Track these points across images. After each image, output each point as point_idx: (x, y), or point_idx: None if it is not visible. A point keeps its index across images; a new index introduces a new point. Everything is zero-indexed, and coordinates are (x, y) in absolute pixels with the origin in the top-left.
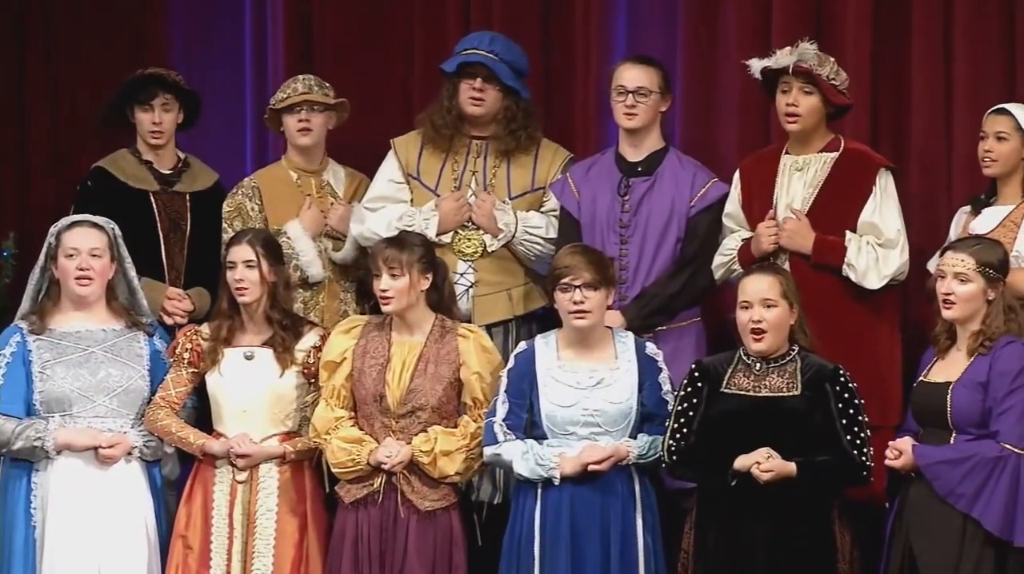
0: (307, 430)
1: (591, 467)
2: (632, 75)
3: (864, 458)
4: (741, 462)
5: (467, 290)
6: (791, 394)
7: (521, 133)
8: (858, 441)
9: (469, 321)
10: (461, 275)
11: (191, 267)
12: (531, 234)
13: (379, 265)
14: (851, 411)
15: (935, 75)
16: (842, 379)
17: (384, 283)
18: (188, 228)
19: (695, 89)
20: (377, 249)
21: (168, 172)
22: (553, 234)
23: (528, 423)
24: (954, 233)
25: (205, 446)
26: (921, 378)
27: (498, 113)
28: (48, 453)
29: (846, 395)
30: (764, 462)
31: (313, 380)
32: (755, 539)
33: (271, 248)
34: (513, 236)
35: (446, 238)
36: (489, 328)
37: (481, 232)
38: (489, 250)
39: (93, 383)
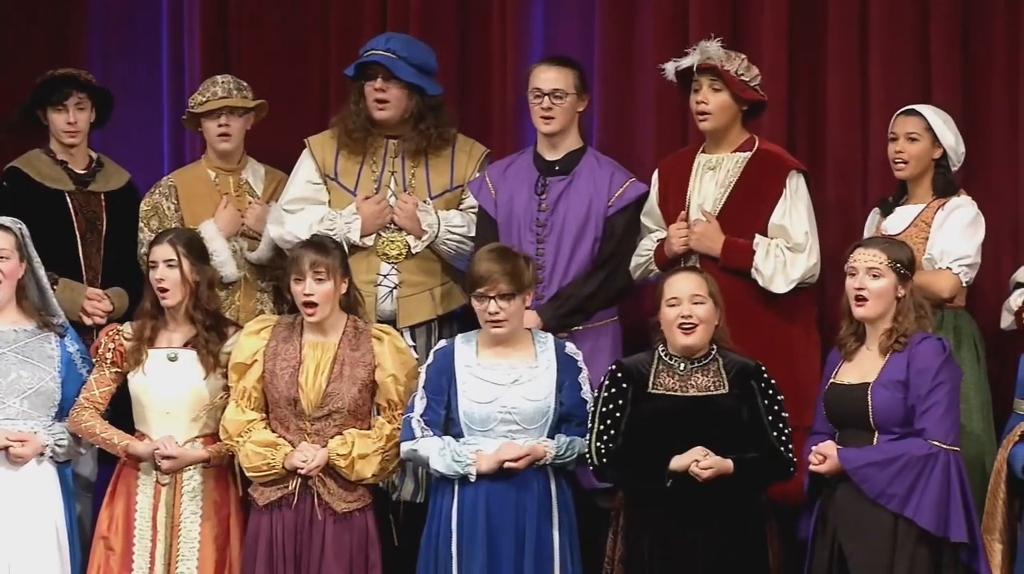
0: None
1: (507, 465)
2: (548, 77)
3: (790, 454)
4: (677, 462)
5: (391, 292)
6: (720, 392)
7: (431, 132)
8: (783, 437)
9: (392, 323)
10: (384, 277)
11: (109, 267)
12: (454, 233)
13: (303, 270)
14: (775, 407)
15: (851, 77)
16: (765, 375)
17: (309, 287)
18: (104, 228)
19: (612, 88)
20: (300, 253)
21: (83, 172)
22: (474, 232)
23: (445, 420)
24: (867, 235)
25: (129, 448)
26: (832, 380)
27: (405, 112)
28: None
29: (770, 391)
30: (702, 460)
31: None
32: (693, 541)
33: (194, 248)
34: (436, 237)
35: (369, 241)
36: (413, 328)
37: (404, 234)
38: (414, 252)
39: (4, 385)
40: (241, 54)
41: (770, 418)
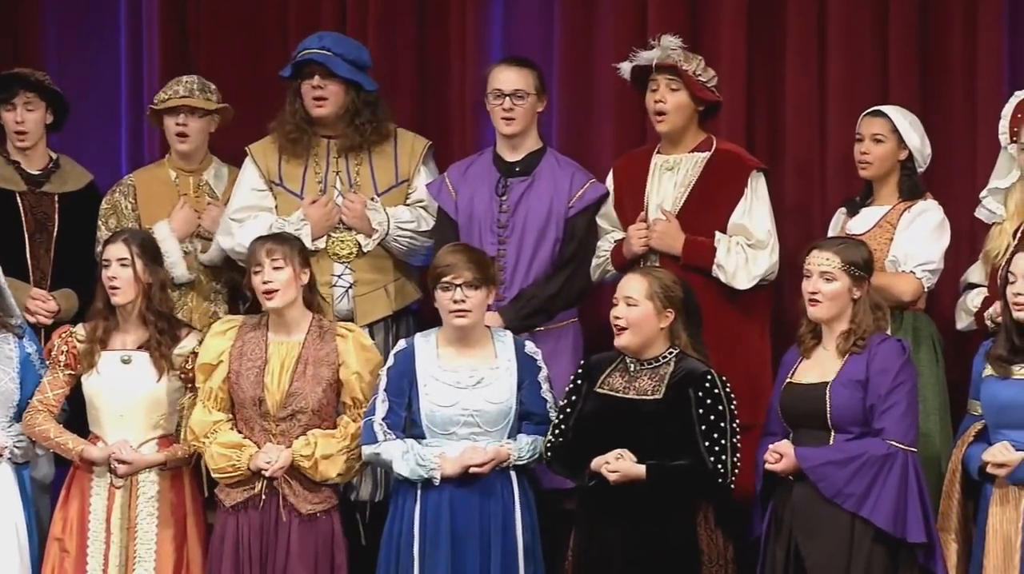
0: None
1: (472, 469)
2: (508, 77)
3: (720, 466)
4: (596, 462)
5: (346, 291)
6: (652, 397)
7: (367, 127)
8: (716, 448)
9: (347, 321)
10: (339, 278)
11: (58, 268)
12: (403, 229)
13: (260, 258)
14: (712, 417)
15: (809, 77)
16: (707, 384)
17: (267, 275)
18: (56, 229)
19: (572, 89)
20: (256, 245)
21: (37, 173)
22: (424, 227)
23: (406, 421)
24: (832, 234)
25: (84, 452)
26: (788, 380)
27: (342, 108)
28: None
29: (708, 401)
30: (612, 463)
31: (190, 384)
32: (611, 541)
33: (147, 249)
34: (387, 234)
35: (320, 243)
36: (370, 326)
37: (353, 232)
38: (365, 250)
39: None
40: (200, 54)
41: (703, 427)
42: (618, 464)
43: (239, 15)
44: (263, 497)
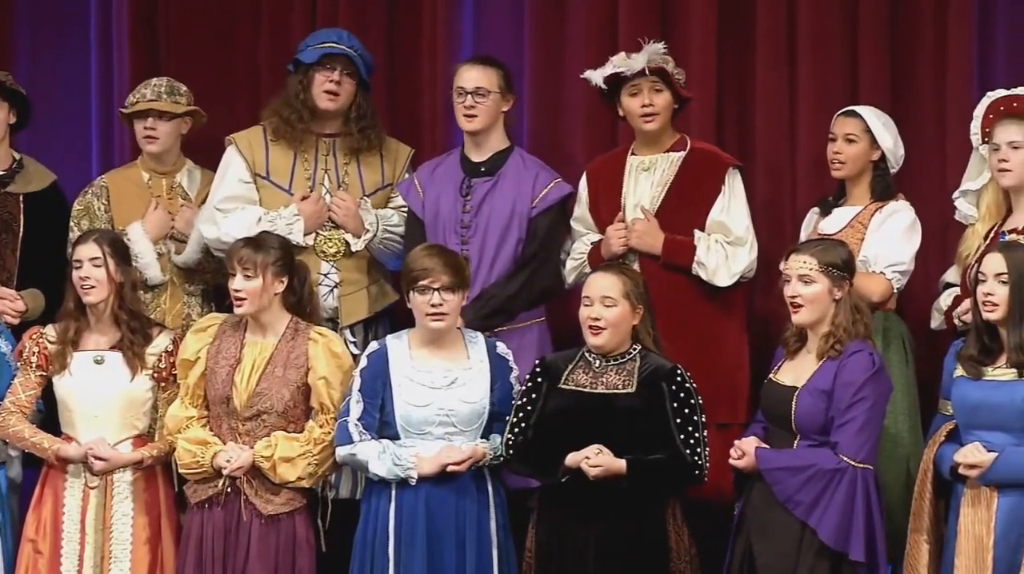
0: (154, 433)
1: (450, 468)
2: (470, 76)
3: (697, 458)
4: (572, 458)
5: (332, 290)
6: (625, 391)
7: (370, 132)
8: (692, 440)
9: (334, 321)
10: (325, 276)
11: (24, 269)
12: (391, 232)
13: (234, 265)
14: (686, 411)
15: (779, 78)
16: (679, 378)
17: (238, 283)
18: (22, 230)
19: (543, 89)
20: (233, 249)
21: (1, 173)
22: None
23: (380, 422)
24: (804, 234)
25: (60, 452)
26: (771, 376)
27: (350, 109)
28: None
29: (681, 394)
30: (593, 458)
31: (164, 383)
32: (586, 538)
33: (118, 249)
34: (375, 236)
35: (309, 240)
36: (352, 327)
37: (340, 231)
38: (354, 250)
39: None
40: (170, 53)
41: (678, 421)
42: (599, 458)
43: (209, 15)
44: (225, 496)
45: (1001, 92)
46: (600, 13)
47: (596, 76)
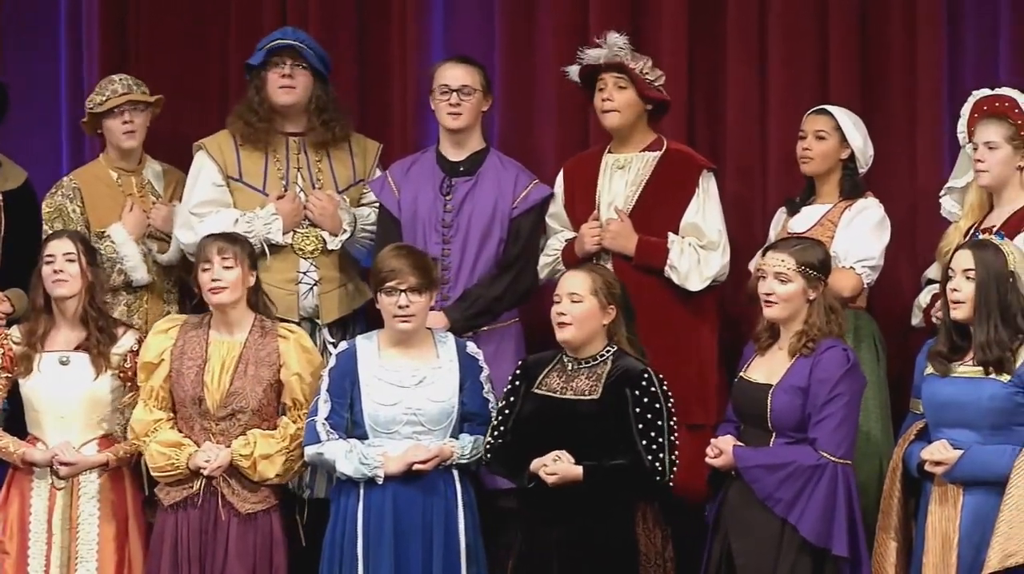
0: (125, 434)
1: (416, 467)
2: (456, 74)
3: (658, 464)
4: (535, 464)
5: (311, 288)
6: (589, 398)
7: (335, 124)
8: (654, 446)
9: (311, 321)
10: (304, 274)
11: (7, 267)
12: (366, 229)
13: (210, 256)
14: (649, 416)
15: (750, 77)
16: (644, 383)
17: (217, 273)
18: (3, 228)
19: (514, 88)
20: (206, 241)
21: None
22: None
23: (348, 422)
24: (773, 233)
25: (26, 455)
26: (741, 374)
27: (310, 102)
28: None
29: (646, 399)
30: (550, 465)
31: (129, 383)
32: (552, 541)
33: (89, 248)
34: (352, 234)
35: (288, 238)
36: (330, 325)
37: (317, 229)
38: (330, 248)
39: None
40: (140, 52)
41: (640, 426)
42: (555, 466)
43: (180, 15)
44: (201, 496)
45: (986, 91)
46: (571, 13)
47: (573, 71)
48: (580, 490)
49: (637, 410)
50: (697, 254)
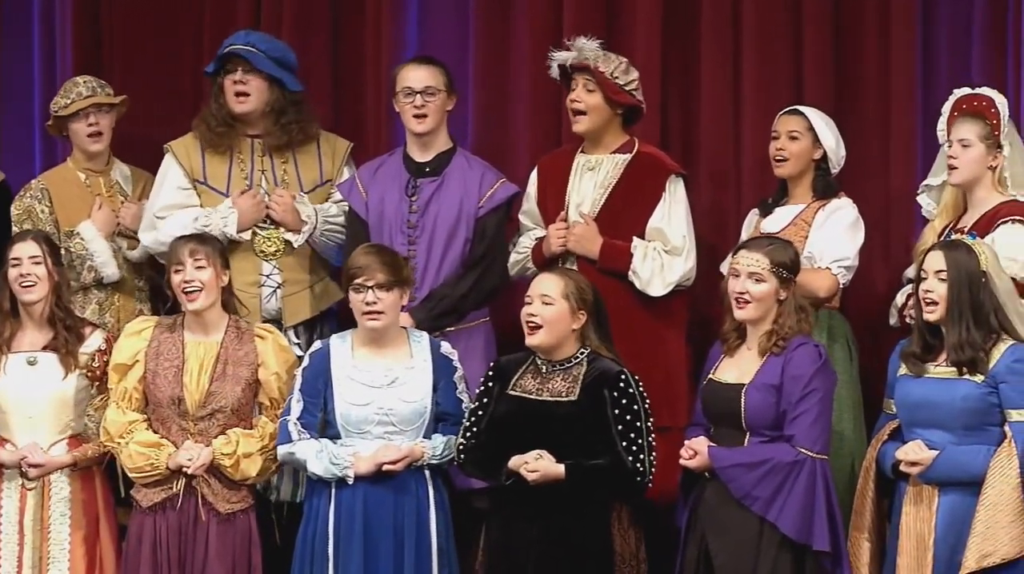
0: (95, 433)
1: (386, 467)
2: (418, 76)
3: (639, 464)
4: (514, 462)
5: (274, 291)
6: (567, 399)
7: (293, 127)
8: (634, 447)
9: (277, 322)
10: (267, 277)
11: None
12: (331, 223)
13: (182, 258)
14: (628, 417)
15: (724, 80)
16: (621, 384)
17: (189, 274)
18: None
19: (488, 88)
20: (177, 244)
21: None
22: None
23: (321, 422)
24: (745, 234)
25: None
26: (710, 376)
27: (266, 106)
28: None
29: (624, 400)
30: (532, 463)
31: (97, 383)
32: (529, 540)
33: (54, 249)
34: (315, 228)
35: (245, 235)
36: (296, 327)
37: (281, 230)
38: (295, 246)
39: None
40: (113, 53)
41: (620, 427)
42: (537, 464)
43: (154, 15)
44: (180, 496)
45: (966, 91)
46: (545, 14)
47: (553, 70)
48: (559, 488)
49: (616, 411)
50: (661, 259)
